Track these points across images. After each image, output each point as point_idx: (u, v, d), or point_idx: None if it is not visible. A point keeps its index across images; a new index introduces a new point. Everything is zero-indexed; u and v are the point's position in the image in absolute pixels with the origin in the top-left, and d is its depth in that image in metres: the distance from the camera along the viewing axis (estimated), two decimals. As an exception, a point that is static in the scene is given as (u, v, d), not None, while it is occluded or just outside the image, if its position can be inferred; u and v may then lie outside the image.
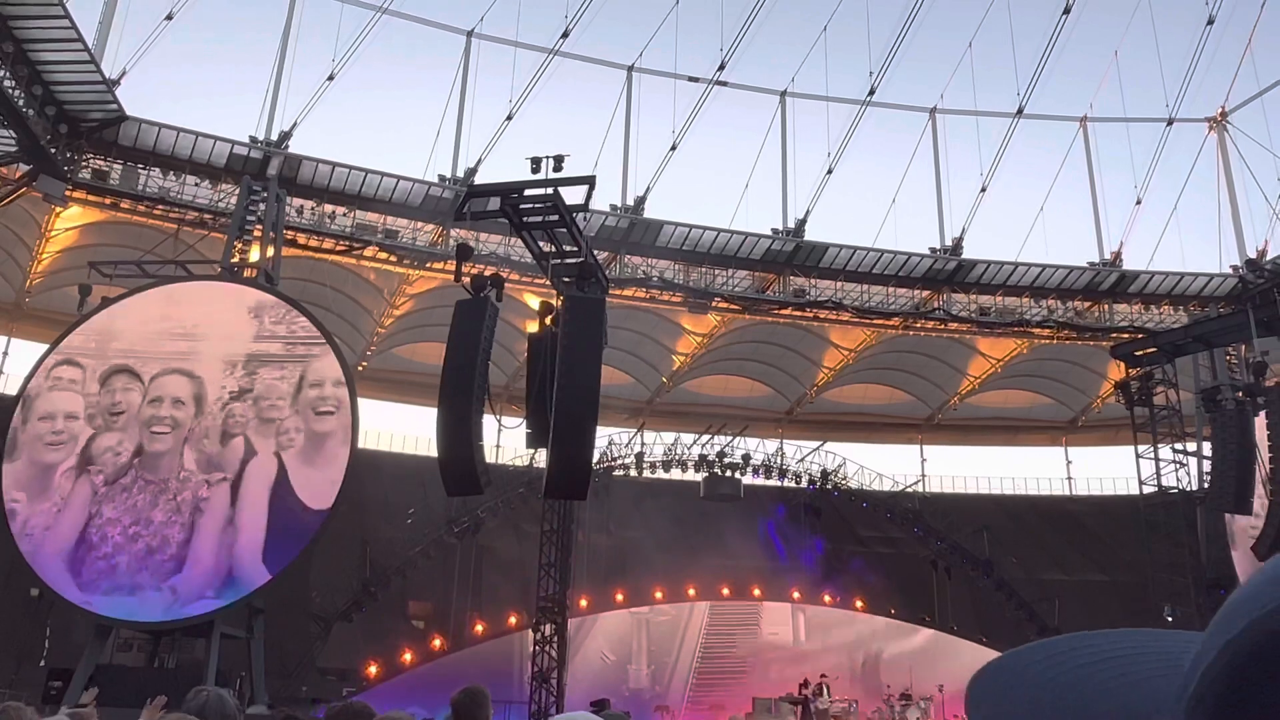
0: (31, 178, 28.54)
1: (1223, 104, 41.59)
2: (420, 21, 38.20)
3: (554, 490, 19.29)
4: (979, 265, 39.25)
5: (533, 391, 18.64)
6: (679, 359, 42.18)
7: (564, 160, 19.09)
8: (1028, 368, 42.96)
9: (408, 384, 39.00)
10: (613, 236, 36.81)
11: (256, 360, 23.17)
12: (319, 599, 29.76)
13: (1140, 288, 39.91)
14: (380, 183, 34.80)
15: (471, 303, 18.44)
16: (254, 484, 22.00)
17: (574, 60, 38.72)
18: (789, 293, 38.63)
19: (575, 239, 19.92)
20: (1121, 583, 33.98)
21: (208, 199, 32.71)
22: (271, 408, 22.70)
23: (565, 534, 22.30)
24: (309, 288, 32.62)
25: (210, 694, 3.40)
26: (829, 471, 35.83)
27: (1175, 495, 30.04)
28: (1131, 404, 31.04)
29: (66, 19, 26.09)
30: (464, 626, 31.69)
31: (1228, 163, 41.29)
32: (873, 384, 44.02)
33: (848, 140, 39.79)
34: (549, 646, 21.99)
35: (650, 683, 31.28)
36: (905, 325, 39.81)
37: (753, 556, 33.56)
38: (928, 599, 33.82)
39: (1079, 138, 42.20)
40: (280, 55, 35.41)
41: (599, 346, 18.29)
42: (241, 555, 21.58)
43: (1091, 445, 44.87)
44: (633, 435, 34.63)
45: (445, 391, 17.81)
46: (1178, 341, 30.66)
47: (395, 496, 33.13)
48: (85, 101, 29.80)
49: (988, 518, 35.83)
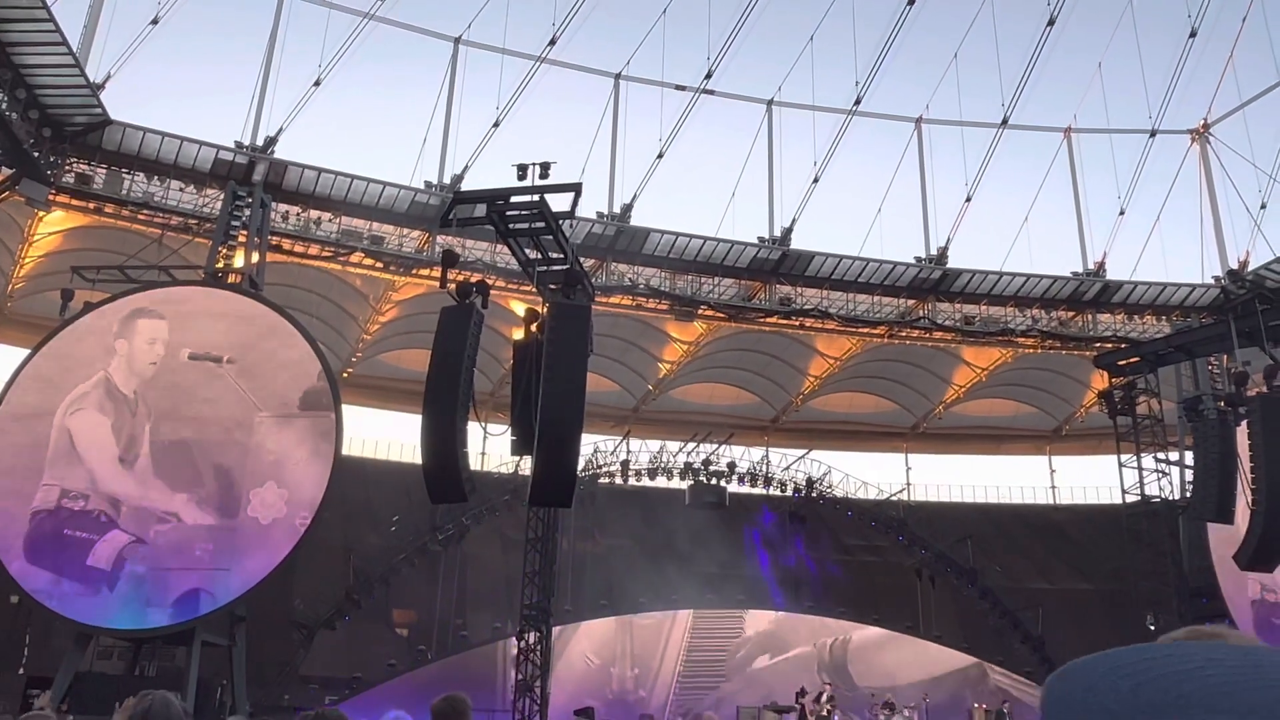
0: (14, 181, 28.34)
1: (1205, 116, 41.98)
2: (407, 28, 38.20)
3: (539, 498, 19.23)
4: (964, 274, 39.43)
5: (518, 398, 18.60)
6: (665, 366, 42.19)
7: (550, 167, 19.09)
8: (1012, 377, 43.14)
9: (394, 390, 38.87)
10: (599, 244, 36.83)
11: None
12: (302, 606, 29.57)
13: (1124, 298, 40.17)
14: (366, 189, 34.73)
15: (457, 309, 18.38)
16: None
17: (561, 67, 38.78)
18: (775, 301, 38.72)
19: (561, 246, 19.91)
20: (1105, 591, 34.09)
21: (192, 204, 32.57)
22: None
23: (550, 542, 22.23)
24: (294, 293, 32.47)
25: (155, 698, 3.34)
26: (814, 479, 35.87)
27: (1158, 504, 30.16)
28: (1115, 413, 31.16)
29: (51, 23, 25.96)
30: (448, 634, 31.56)
31: (1210, 174, 41.67)
32: (858, 392, 44.13)
33: (834, 149, 39.99)
34: (533, 655, 21.91)
35: (634, 686, 31.25)
36: (891, 334, 39.94)
37: (737, 564, 33.56)
38: (912, 607, 33.87)
39: (1063, 148, 42.52)
40: (266, 60, 35.34)
41: (584, 354, 18.26)
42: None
43: (1075, 454, 45.07)
44: (618, 443, 34.59)
45: (430, 398, 17.74)
46: (1160, 351, 30.83)
47: (379, 504, 33.01)
48: (70, 105, 29.64)
49: (972, 526, 35.92)
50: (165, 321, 23.60)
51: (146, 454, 22.28)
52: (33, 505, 21.51)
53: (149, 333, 23.49)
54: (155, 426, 22.52)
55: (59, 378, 22.79)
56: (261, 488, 22.04)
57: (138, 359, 23.23)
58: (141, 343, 23.39)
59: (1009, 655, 33.07)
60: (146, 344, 23.38)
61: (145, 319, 23.57)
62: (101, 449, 22.29)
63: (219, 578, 21.48)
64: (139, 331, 23.50)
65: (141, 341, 23.41)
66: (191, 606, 21.23)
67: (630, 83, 39.64)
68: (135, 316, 23.63)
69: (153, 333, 23.49)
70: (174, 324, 23.62)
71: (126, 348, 23.27)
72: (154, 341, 23.40)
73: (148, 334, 23.48)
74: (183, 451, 22.37)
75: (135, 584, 21.21)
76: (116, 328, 23.47)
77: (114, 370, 23.01)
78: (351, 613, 29.48)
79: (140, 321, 23.57)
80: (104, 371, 22.95)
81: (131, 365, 23.15)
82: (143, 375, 23.07)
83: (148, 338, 23.44)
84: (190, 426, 22.63)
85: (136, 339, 23.43)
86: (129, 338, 23.41)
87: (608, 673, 31.28)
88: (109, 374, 22.94)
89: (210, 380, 22.96)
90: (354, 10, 36.20)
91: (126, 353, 23.23)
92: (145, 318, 23.61)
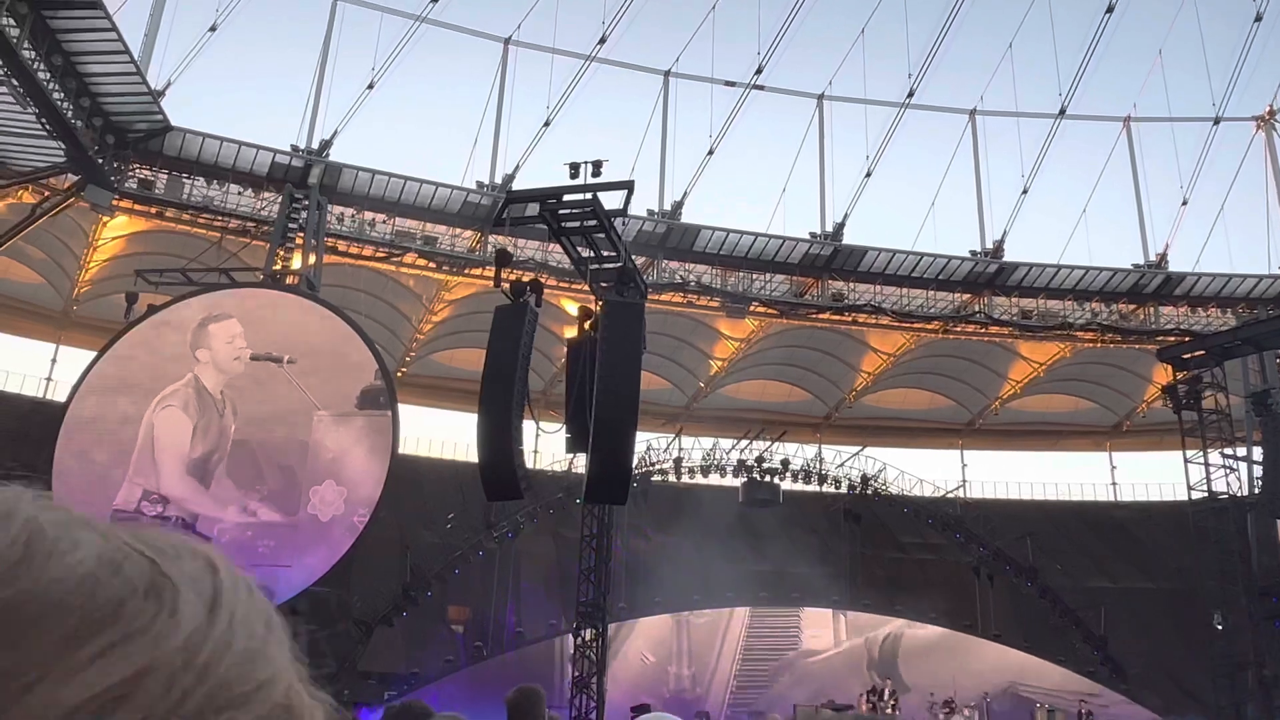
0: (80, 188, 29.05)
1: (1270, 102, 40.83)
2: (458, 29, 38.50)
3: (594, 495, 19.29)
4: (1020, 268, 38.78)
5: (572, 396, 18.65)
6: (716, 364, 42.05)
7: (602, 165, 19.12)
8: (1071, 372, 42.34)
9: (447, 390, 39.20)
10: (650, 241, 36.80)
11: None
12: (359, 603, 29.95)
13: (1186, 290, 39.24)
14: (419, 190, 35.06)
15: (511, 308, 18.49)
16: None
17: (611, 66, 38.84)
18: (827, 297, 38.40)
19: (614, 244, 19.91)
20: (1168, 590, 33.36)
21: (250, 207, 33.13)
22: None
23: (605, 539, 22.26)
24: (349, 294, 32.91)
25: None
26: (869, 477, 35.48)
27: (1225, 501, 29.42)
28: (1179, 408, 30.45)
29: (113, 31, 26.54)
30: (503, 631, 31.76)
31: (1276, 161, 40.55)
32: (912, 389, 43.59)
33: (886, 143, 39.59)
34: (589, 651, 21.95)
35: (691, 684, 31.21)
36: (945, 329, 39.41)
37: (792, 562, 33.34)
38: (970, 606, 33.39)
39: (1122, 138, 41.64)
40: (320, 65, 35.86)
41: (638, 351, 18.26)
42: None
43: (1137, 450, 44.10)
44: (671, 440, 34.53)
45: (485, 397, 17.87)
46: (1226, 344, 30.08)
47: (435, 501, 33.30)
48: (131, 112, 30.29)
49: (1031, 524, 35.30)
50: (235, 319, 24.11)
51: (211, 453, 22.76)
52: (115, 503, 22.00)
53: (225, 333, 23.98)
54: (220, 428, 22.99)
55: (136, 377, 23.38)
56: (321, 485, 22.39)
57: (221, 358, 23.71)
58: (220, 344, 23.88)
59: (1070, 655, 32.46)
60: (225, 343, 23.87)
61: (216, 324, 24.06)
62: (176, 448, 22.79)
63: (280, 574, 21.84)
64: (214, 335, 23.99)
65: (220, 343, 23.90)
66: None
67: (680, 80, 39.61)
68: (207, 323, 24.12)
69: (229, 332, 23.99)
70: (235, 326, 24.09)
71: (208, 355, 23.78)
72: (232, 340, 23.90)
73: (225, 334, 23.97)
74: (246, 450, 22.78)
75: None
76: (190, 338, 23.97)
77: (201, 371, 23.55)
78: (408, 609, 29.79)
79: (213, 326, 24.07)
80: (192, 373, 23.47)
81: (217, 365, 23.64)
82: (231, 373, 23.57)
83: (225, 337, 23.93)
84: (253, 426, 23.05)
85: (214, 341, 23.93)
86: (207, 344, 23.91)
87: (664, 671, 31.28)
88: (197, 375, 23.47)
89: (272, 380, 23.36)
90: (405, 13, 36.60)
91: (209, 358, 23.72)
92: (216, 322, 24.10)
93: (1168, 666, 31.35)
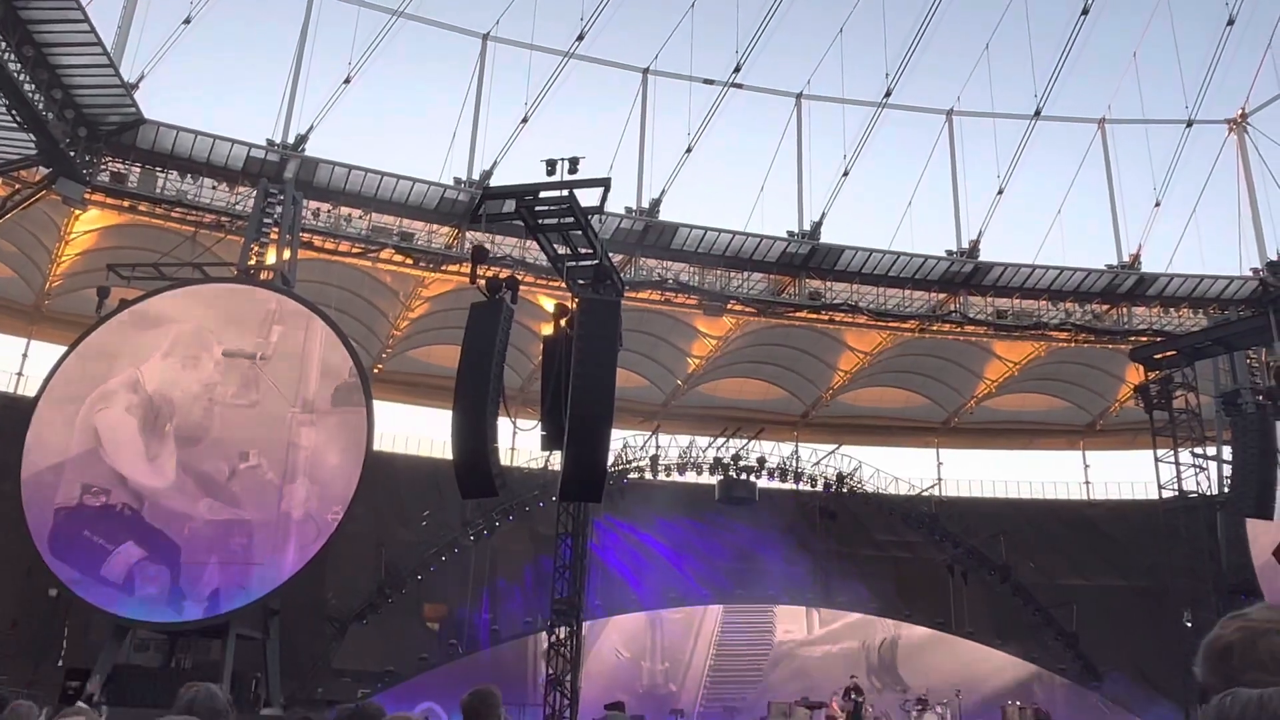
0: (51, 181, 28.73)
1: (1243, 105, 41.26)
2: (436, 25, 38.32)
3: (569, 492, 19.27)
4: (996, 268, 39.03)
5: (548, 394, 18.62)
6: (694, 362, 42.09)
7: (579, 162, 19.06)
8: (1045, 371, 42.67)
9: (424, 386, 39.04)
10: (628, 239, 36.77)
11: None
12: (335, 601, 29.82)
13: (1159, 290, 39.61)
14: (396, 185, 34.89)
15: (486, 305, 18.43)
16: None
17: (589, 63, 38.75)
18: (804, 295, 38.50)
19: (590, 241, 19.89)
20: (1140, 588, 33.67)
21: (225, 202, 32.86)
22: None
23: (580, 537, 22.24)
24: (325, 290, 32.70)
25: (200, 689, 3.39)
26: (844, 475, 35.64)
27: (1195, 500, 29.74)
28: (1151, 408, 30.76)
29: (86, 23, 26.25)
30: (478, 629, 31.70)
31: (1248, 164, 40.98)
32: (889, 387, 43.80)
33: (864, 142, 39.69)
34: (563, 649, 21.93)
35: (664, 680, 31.25)
36: (921, 328, 39.61)
37: (767, 559, 33.43)
38: (944, 603, 33.61)
39: (1097, 139, 41.95)
40: (297, 58, 35.58)
41: (614, 349, 18.25)
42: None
43: (1109, 449, 44.49)
44: (647, 438, 34.55)
45: (460, 394, 17.81)
46: (1197, 344, 30.40)
47: (410, 499, 33.18)
48: (104, 105, 29.98)
49: (1005, 522, 35.57)
50: (197, 319, 23.84)
51: (174, 450, 22.51)
52: (55, 503, 21.75)
53: (180, 330, 23.72)
54: (187, 424, 22.75)
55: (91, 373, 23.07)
56: (294, 483, 22.24)
57: (171, 357, 23.47)
58: (173, 340, 23.63)
59: (1043, 652, 32.75)
60: (179, 341, 23.62)
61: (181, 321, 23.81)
62: (129, 446, 22.53)
63: (253, 572, 21.69)
64: (169, 329, 23.73)
65: (173, 339, 23.64)
66: (226, 600, 21.45)
67: (658, 77, 39.57)
68: (165, 314, 23.88)
69: (184, 330, 23.72)
70: (207, 321, 23.85)
71: (159, 345, 23.51)
72: (187, 339, 23.63)
73: (178, 332, 23.71)
74: (218, 447, 22.59)
75: (164, 584, 21.40)
76: (147, 325, 23.72)
77: (145, 369, 23.26)
78: (383, 607, 29.68)
79: (172, 320, 23.81)
80: (134, 369, 23.20)
81: (165, 362, 23.40)
82: (175, 372, 23.31)
83: (179, 335, 23.67)
84: (224, 423, 22.84)
85: (168, 337, 23.67)
86: (160, 336, 23.64)
87: (638, 667, 31.31)
88: (139, 372, 23.19)
89: (244, 376, 23.17)
90: (383, 8, 36.37)
91: (161, 350, 23.47)
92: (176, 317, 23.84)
93: (1139, 663, 31.66)
